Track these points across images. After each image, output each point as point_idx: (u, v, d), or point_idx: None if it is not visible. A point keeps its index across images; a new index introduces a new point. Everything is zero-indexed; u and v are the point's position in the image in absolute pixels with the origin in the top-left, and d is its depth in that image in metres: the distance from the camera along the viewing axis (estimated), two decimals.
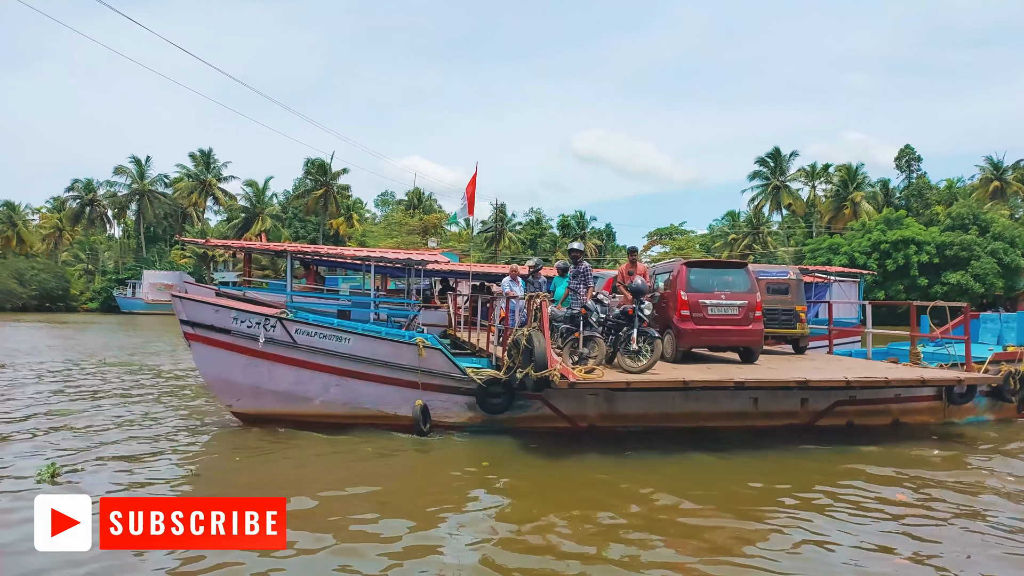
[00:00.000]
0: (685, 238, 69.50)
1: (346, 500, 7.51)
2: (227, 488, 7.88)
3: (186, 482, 7.94)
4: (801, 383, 9.78)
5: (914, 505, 7.54)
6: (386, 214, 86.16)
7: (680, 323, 11.35)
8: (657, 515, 7.19)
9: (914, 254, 43.34)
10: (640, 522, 6.93)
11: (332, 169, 75.47)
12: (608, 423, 10.91)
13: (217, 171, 77.85)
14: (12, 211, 74.92)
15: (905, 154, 61.59)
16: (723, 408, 11.11)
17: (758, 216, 61.64)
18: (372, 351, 10.64)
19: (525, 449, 9.87)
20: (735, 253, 58.15)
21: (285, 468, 8.89)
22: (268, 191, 78.17)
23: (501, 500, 7.81)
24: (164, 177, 76.91)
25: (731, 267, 12.24)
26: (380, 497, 7.72)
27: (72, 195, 76.22)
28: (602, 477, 8.60)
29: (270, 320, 10.71)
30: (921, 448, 10.36)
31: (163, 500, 5.54)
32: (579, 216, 72.59)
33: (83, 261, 76.00)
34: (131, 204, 76.59)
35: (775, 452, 10.00)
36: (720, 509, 7.45)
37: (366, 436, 10.29)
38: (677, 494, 7.81)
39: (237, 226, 74.37)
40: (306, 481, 8.19)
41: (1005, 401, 12.39)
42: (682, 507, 7.45)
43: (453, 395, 10.63)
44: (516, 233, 76.32)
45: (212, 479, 8.34)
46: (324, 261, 20.53)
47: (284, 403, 10.92)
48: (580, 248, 11.26)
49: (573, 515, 7.08)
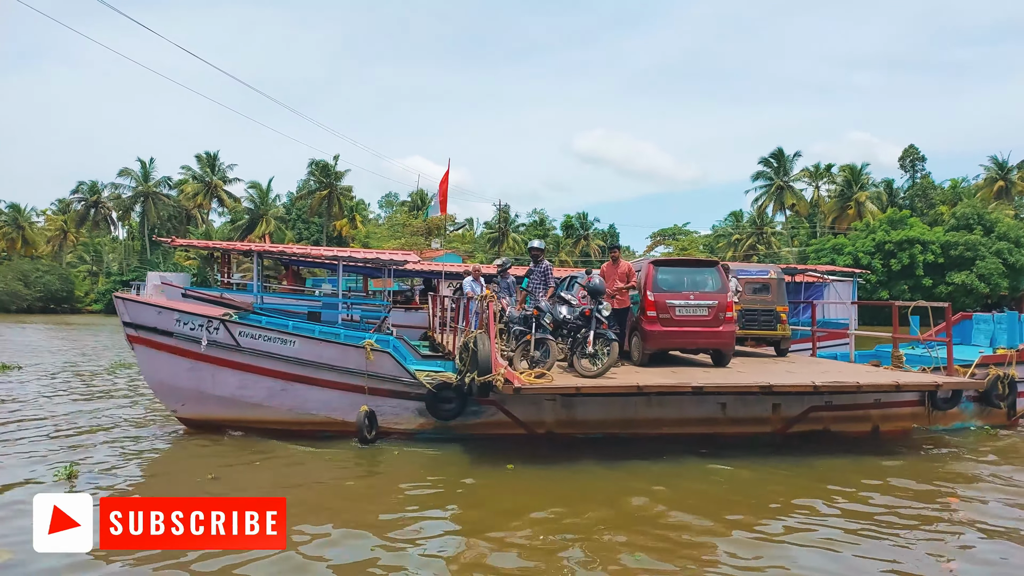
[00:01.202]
0: (689, 238, 68.70)
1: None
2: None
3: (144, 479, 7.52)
4: (765, 388, 9.20)
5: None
6: (390, 215, 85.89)
7: (646, 324, 10.82)
8: (622, 527, 6.74)
9: (919, 254, 42.47)
10: (603, 534, 6.51)
11: (336, 170, 75.35)
12: (567, 430, 10.38)
13: (222, 173, 77.95)
14: (18, 213, 75.29)
15: (909, 154, 60.63)
16: (689, 414, 10.55)
17: (762, 216, 60.81)
18: (318, 354, 10.17)
19: (477, 457, 9.36)
20: (739, 254, 57.38)
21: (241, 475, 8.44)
22: (272, 193, 78.19)
23: (451, 510, 7.41)
24: (168, 180, 76.98)
25: (701, 266, 11.67)
26: (314, 507, 7.26)
27: (77, 197, 76.49)
28: (560, 485, 8.16)
29: (213, 322, 10.27)
30: (886, 456, 9.78)
31: (163, 500, 5.28)
32: (582, 217, 71.92)
33: (87, 263, 76.21)
34: (135, 206, 76.76)
35: (744, 460, 9.44)
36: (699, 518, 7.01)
37: (311, 443, 9.82)
38: (645, 503, 7.41)
39: (241, 228, 74.43)
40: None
41: (993, 407, 11.74)
42: (654, 518, 7.02)
43: (403, 400, 10.14)
44: (520, 234, 75.78)
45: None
46: (299, 261, 20.09)
47: (229, 408, 10.48)
48: (540, 246, 10.74)
49: (530, 525, 6.70)
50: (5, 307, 63.72)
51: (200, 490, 7.77)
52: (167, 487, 8.23)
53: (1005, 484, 8.42)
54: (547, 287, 10.30)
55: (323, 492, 7.97)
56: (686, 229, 72.21)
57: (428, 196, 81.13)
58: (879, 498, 7.69)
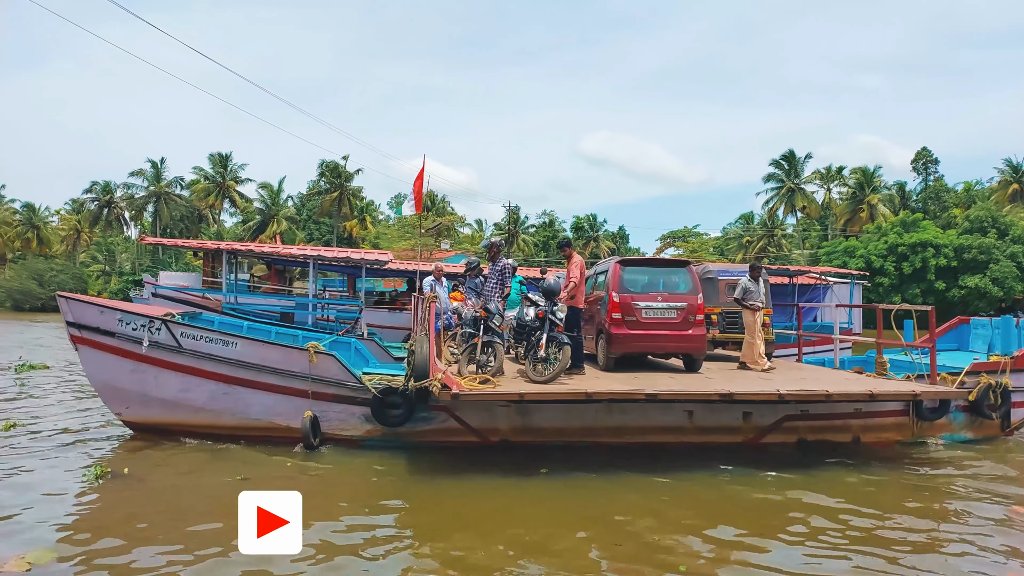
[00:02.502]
0: (699, 240, 67.79)
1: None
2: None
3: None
4: (725, 396, 8.61)
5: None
6: (399, 216, 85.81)
7: (611, 327, 10.28)
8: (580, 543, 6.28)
9: (931, 257, 41.33)
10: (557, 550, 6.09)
11: (346, 171, 75.37)
12: (523, 437, 9.85)
13: (234, 173, 78.27)
14: (32, 213, 76.08)
15: (922, 156, 59.37)
16: (654, 422, 9.97)
17: (772, 219, 59.78)
18: (261, 357, 9.72)
19: (423, 466, 8.87)
20: (749, 256, 56.43)
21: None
22: (283, 193, 78.36)
23: (389, 521, 6.98)
24: (180, 180, 77.47)
25: (671, 266, 11.12)
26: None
27: (90, 197, 77.16)
28: (511, 497, 7.73)
29: (154, 322, 9.85)
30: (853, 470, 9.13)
31: None
32: (591, 219, 71.25)
33: (100, 262, 76.81)
34: (148, 206, 77.32)
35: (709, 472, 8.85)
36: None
37: (249, 450, 9.38)
38: (602, 516, 6.98)
39: (252, 228, 74.67)
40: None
41: (985, 417, 11.02)
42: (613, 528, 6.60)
43: (349, 406, 9.65)
44: (530, 236, 75.29)
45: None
46: (290, 261, 19.77)
47: (172, 412, 10.06)
48: (498, 243, 10.18)
49: (480, 537, 6.34)
50: (19, 306, 64.34)
51: (232, 492, 7.34)
52: (195, 491, 7.91)
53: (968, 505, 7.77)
54: (503, 287, 9.77)
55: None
56: (696, 231, 71.34)
57: (438, 197, 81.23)
58: (820, 521, 7.09)
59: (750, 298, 11.22)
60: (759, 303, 11.27)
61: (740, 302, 11.29)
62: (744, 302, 11.25)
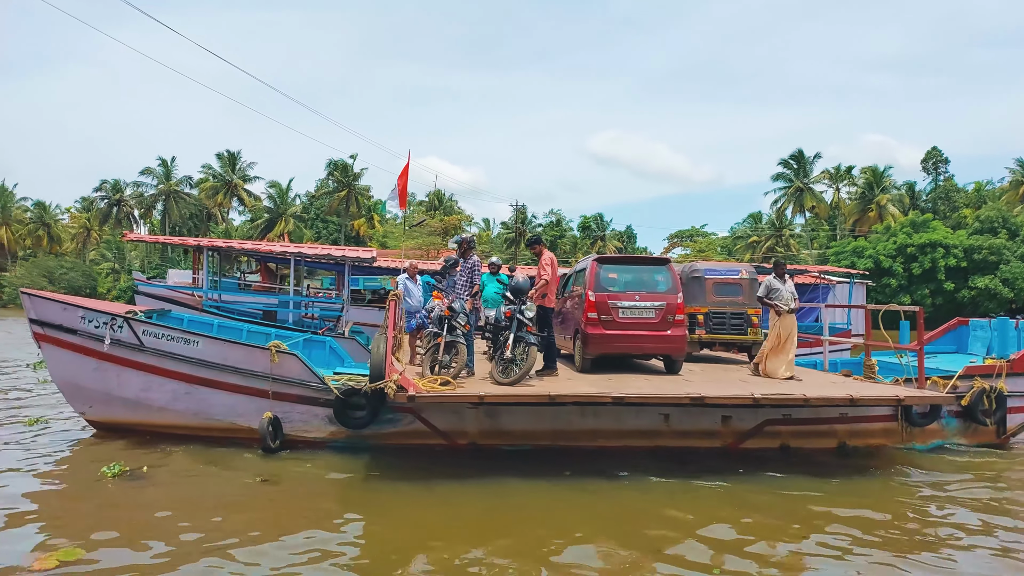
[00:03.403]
0: (706, 240, 67.08)
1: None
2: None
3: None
4: (696, 399, 8.25)
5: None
6: (407, 215, 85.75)
7: (587, 327, 9.95)
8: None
9: (941, 258, 40.59)
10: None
11: (354, 170, 75.38)
12: (491, 440, 9.54)
13: (243, 172, 78.47)
14: (43, 211, 76.57)
15: (932, 156, 58.36)
16: (628, 426, 9.63)
17: (781, 218, 59.02)
18: (222, 356, 9.46)
19: (387, 470, 8.57)
20: (757, 256, 55.70)
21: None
22: (291, 192, 78.47)
23: (355, 530, 6.66)
24: (188, 179, 77.79)
25: (650, 264, 10.74)
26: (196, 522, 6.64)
27: (100, 195, 77.53)
28: (478, 503, 7.44)
29: (116, 320, 9.62)
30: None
31: None
32: (598, 218, 70.68)
33: (110, 260, 77.23)
34: (157, 204, 77.68)
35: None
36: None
37: (207, 450, 9.13)
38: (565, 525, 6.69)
39: (260, 226, 74.76)
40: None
41: (979, 423, 10.58)
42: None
43: (312, 407, 9.38)
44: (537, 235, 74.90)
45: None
46: (271, 257, 19.55)
47: (135, 412, 9.85)
48: (468, 239, 9.83)
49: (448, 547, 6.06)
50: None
51: (250, 493, 7.69)
52: (214, 489, 7.87)
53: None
54: (472, 286, 9.45)
55: (204, 506, 7.26)
56: (704, 231, 70.63)
57: (445, 196, 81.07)
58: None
59: (775, 297, 10.20)
60: (785, 303, 10.13)
61: (763, 301, 10.37)
62: (767, 301, 10.27)
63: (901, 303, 41.69)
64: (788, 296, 10.19)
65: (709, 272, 12.67)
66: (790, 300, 10.16)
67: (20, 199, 76.55)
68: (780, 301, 10.14)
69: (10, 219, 74.11)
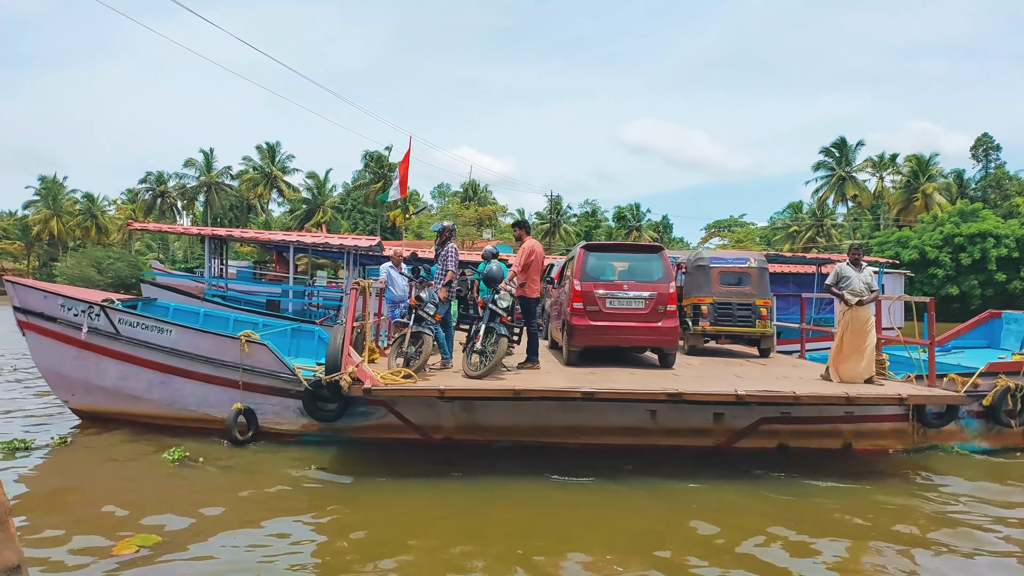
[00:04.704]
0: (745, 230, 65.35)
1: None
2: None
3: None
4: (673, 395, 7.70)
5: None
6: (442, 205, 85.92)
7: (572, 318, 9.47)
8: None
9: (991, 248, 38.60)
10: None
11: (389, 161, 75.70)
12: (468, 435, 9.15)
13: (282, 164, 79.56)
14: (91, 203, 78.91)
15: (982, 143, 55.55)
16: (612, 422, 9.13)
17: (822, 208, 57.03)
18: (195, 346, 9.28)
19: (359, 465, 8.27)
20: (797, 246, 53.99)
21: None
22: (329, 183, 79.27)
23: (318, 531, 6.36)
24: (229, 170, 79.23)
25: (640, 251, 10.18)
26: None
27: (145, 187, 79.52)
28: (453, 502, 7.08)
29: (94, 308, 9.52)
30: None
31: None
32: (634, 208, 69.56)
33: (154, 251, 79.26)
34: (199, 196, 79.33)
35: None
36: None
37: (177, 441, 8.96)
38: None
39: (299, 217, 75.75)
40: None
41: (1002, 425, 9.75)
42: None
43: (284, 398, 9.12)
44: (572, 225, 74.18)
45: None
46: (271, 245, 19.47)
47: (114, 401, 9.76)
48: (448, 227, 9.43)
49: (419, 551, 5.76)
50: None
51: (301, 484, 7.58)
52: (268, 477, 7.80)
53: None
54: (445, 273, 9.04)
55: (164, 496, 7.12)
56: (742, 220, 68.86)
57: (480, 187, 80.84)
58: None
59: (844, 286, 8.80)
60: (856, 294, 8.71)
61: (831, 291, 9.03)
62: (835, 290, 8.91)
63: (948, 295, 39.87)
64: (861, 286, 8.75)
65: (715, 260, 12.01)
66: (863, 291, 8.73)
67: (70, 191, 79.00)
68: (849, 291, 8.77)
69: (61, 211, 76.59)
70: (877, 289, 8.92)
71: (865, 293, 8.75)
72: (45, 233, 76.07)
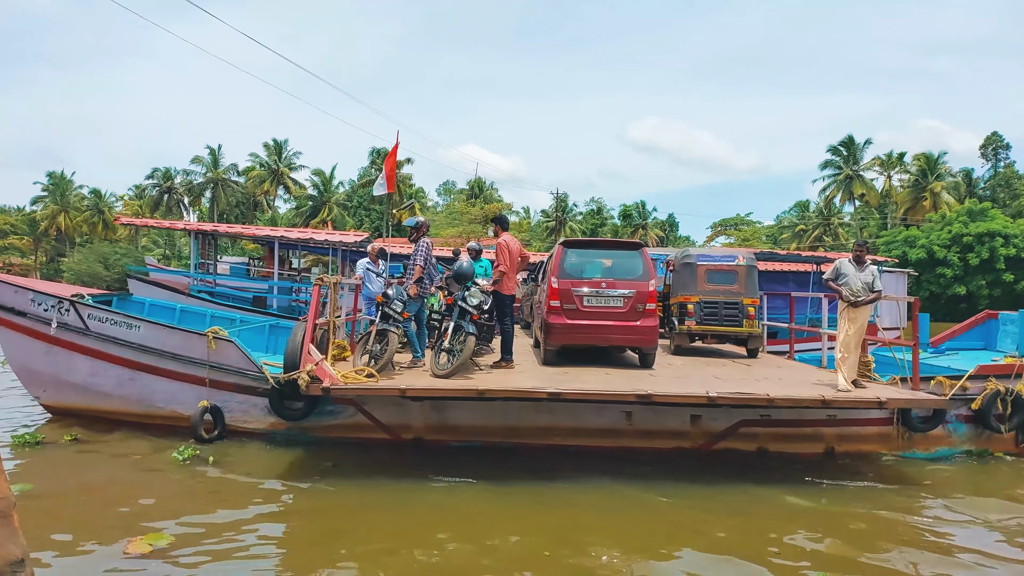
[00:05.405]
0: (751, 229, 64.79)
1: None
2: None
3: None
4: (643, 397, 7.47)
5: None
6: (448, 203, 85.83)
7: (549, 316, 9.26)
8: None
9: (1000, 247, 38.03)
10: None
11: (396, 159, 75.54)
12: (438, 436, 8.96)
13: (289, 160, 79.62)
14: (99, 198, 79.30)
15: (991, 142, 54.77)
16: (586, 423, 8.92)
17: (829, 207, 56.42)
18: (162, 342, 9.14)
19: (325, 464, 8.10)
20: (804, 245, 53.46)
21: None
22: (335, 180, 79.25)
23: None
24: (235, 167, 79.38)
25: (620, 248, 9.94)
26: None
27: (152, 183, 79.79)
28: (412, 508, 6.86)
29: (63, 303, 9.40)
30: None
31: None
32: (640, 206, 69.11)
33: (161, 247, 79.55)
34: (206, 192, 79.51)
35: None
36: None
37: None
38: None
39: (305, 214, 75.76)
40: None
41: (992, 430, 9.45)
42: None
43: (251, 396, 8.96)
44: (578, 223, 73.87)
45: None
46: (270, 241, 19.33)
47: (84, 397, 9.64)
48: (420, 223, 9.21)
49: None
50: (87, 287, 67.16)
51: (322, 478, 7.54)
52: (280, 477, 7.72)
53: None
54: (415, 269, 8.82)
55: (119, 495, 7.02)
56: (749, 219, 68.19)
57: (486, 185, 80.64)
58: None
59: (841, 283, 8.40)
60: (853, 293, 8.31)
61: (828, 285, 8.61)
62: (832, 285, 8.51)
63: (956, 295, 39.35)
64: (859, 285, 8.31)
65: (701, 258, 11.76)
66: (861, 290, 8.30)
67: (78, 187, 79.41)
68: (846, 289, 8.36)
69: (68, 206, 76.98)
70: (880, 289, 8.42)
71: (863, 293, 8.35)
72: (53, 229, 76.51)
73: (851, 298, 8.32)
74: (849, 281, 8.40)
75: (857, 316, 8.36)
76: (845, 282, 8.42)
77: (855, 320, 8.36)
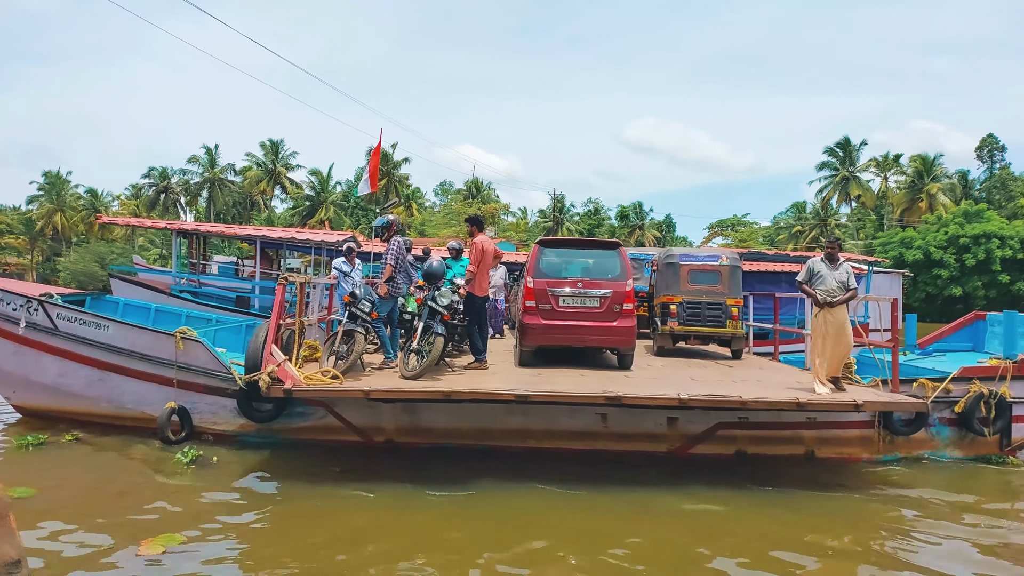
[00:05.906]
0: (748, 230, 64.66)
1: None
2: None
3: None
4: (612, 399, 7.33)
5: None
6: (445, 203, 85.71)
7: (524, 316, 9.13)
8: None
9: (996, 249, 37.92)
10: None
11: (393, 159, 75.44)
12: (410, 438, 8.81)
13: (285, 160, 79.49)
14: (95, 198, 79.15)
15: (987, 143, 54.73)
16: (561, 425, 8.77)
17: (825, 208, 56.29)
18: (131, 342, 8.98)
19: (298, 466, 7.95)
20: (800, 246, 53.28)
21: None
22: (332, 180, 79.09)
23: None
24: (232, 166, 79.25)
25: (597, 248, 9.79)
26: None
27: (148, 182, 79.64)
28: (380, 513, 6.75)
29: (32, 303, 9.25)
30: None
31: None
32: (637, 207, 68.99)
33: (157, 246, 79.33)
34: (202, 192, 79.37)
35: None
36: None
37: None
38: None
39: (302, 214, 75.63)
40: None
41: (976, 433, 9.29)
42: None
43: (220, 397, 8.80)
44: (575, 224, 73.74)
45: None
46: (252, 240, 19.16)
47: (54, 398, 9.49)
48: (391, 221, 9.05)
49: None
50: (83, 287, 67.02)
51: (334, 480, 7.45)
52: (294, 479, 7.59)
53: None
54: (384, 268, 8.67)
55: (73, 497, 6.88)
56: (745, 220, 68.09)
57: (483, 185, 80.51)
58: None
59: (816, 284, 8.17)
60: (828, 293, 8.06)
61: (802, 288, 8.39)
62: (805, 288, 8.30)
63: (952, 296, 39.22)
64: (834, 284, 8.04)
65: (684, 258, 11.61)
66: (836, 288, 8.05)
67: (74, 187, 79.25)
68: (822, 289, 8.09)
69: (65, 206, 76.83)
70: (855, 288, 8.21)
71: (839, 292, 8.10)
72: (49, 228, 76.35)
73: (827, 298, 8.04)
74: (825, 282, 8.13)
75: (836, 317, 8.06)
76: (820, 282, 8.17)
77: (835, 321, 8.05)
